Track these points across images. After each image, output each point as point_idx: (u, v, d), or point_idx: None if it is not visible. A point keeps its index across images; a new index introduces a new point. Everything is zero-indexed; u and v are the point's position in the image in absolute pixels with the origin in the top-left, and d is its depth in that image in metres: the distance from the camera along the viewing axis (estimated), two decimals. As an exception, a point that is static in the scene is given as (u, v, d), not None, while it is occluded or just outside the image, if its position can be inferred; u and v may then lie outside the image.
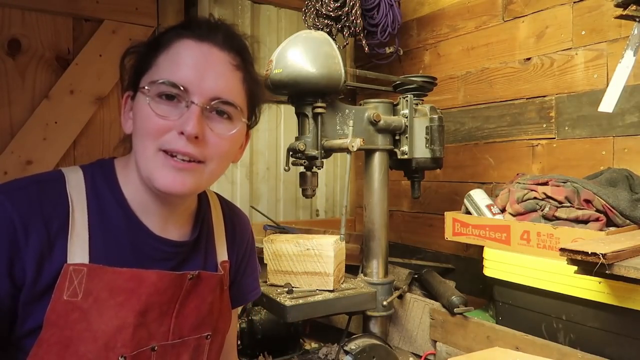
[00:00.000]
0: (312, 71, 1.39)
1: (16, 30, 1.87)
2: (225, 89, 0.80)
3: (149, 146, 0.77)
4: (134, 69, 0.83)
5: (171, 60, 0.77)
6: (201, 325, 0.88)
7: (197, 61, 0.78)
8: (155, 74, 0.77)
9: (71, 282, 0.73)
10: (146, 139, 0.77)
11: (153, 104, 0.76)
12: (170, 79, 0.76)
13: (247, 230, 1.07)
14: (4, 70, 1.86)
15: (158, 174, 0.77)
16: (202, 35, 0.79)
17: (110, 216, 0.80)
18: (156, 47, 0.80)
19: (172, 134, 0.76)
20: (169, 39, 0.79)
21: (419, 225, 2.42)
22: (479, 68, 2.10)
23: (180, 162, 0.77)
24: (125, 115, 0.84)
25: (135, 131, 0.80)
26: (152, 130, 0.76)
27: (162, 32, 0.82)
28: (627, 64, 1.22)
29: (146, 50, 0.82)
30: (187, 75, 0.76)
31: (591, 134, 1.69)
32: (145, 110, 0.76)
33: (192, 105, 0.76)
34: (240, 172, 2.48)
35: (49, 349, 0.72)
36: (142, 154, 0.77)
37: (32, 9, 1.89)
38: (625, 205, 1.36)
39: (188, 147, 0.76)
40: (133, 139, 0.81)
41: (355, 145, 1.41)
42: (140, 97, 0.78)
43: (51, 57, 1.94)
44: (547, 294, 1.37)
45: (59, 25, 1.96)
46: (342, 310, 1.44)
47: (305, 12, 2.16)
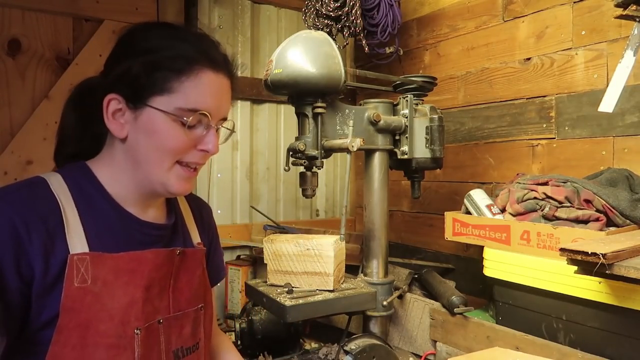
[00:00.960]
0: (312, 71, 1.39)
1: (16, 30, 1.87)
2: (228, 110, 0.96)
3: (167, 160, 0.88)
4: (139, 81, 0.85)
5: (199, 90, 0.87)
6: (195, 298, 0.99)
7: (217, 92, 0.90)
8: (183, 101, 0.85)
9: (78, 270, 0.80)
10: (167, 156, 0.87)
11: (183, 129, 0.86)
12: (202, 109, 0.87)
13: (212, 215, 1.19)
14: (4, 70, 1.86)
15: (175, 182, 0.89)
16: (218, 65, 0.90)
17: (99, 209, 0.88)
18: (175, 71, 0.85)
19: (192, 151, 0.89)
20: (191, 66, 0.86)
21: (419, 225, 2.42)
22: (479, 68, 2.10)
23: (193, 172, 0.91)
24: (112, 118, 0.88)
25: (147, 143, 0.87)
26: (178, 150, 0.88)
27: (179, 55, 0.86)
28: (627, 64, 1.22)
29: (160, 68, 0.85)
30: (211, 105, 0.88)
31: (591, 134, 1.69)
32: (172, 132, 0.86)
33: (212, 128, 0.90)
34: (240, 172, 2.48)
35: (70, 333, 0.79)
36: (157, 166, 0.87)
37: (32, 9, 1.89)
38: (626, 205, 1.36)
39: (204, 159, 0.92)
40: (136, 147, 0.88)
41: (355, 145, 1.41)
42: (160, 116, 0.85)
43: (51, 57, 1.94)
44: (547, 294, 1.37)
45: (59, 25, 1.96)
46: (342, 310, 1.44)
47: (305, 12, 2.16)
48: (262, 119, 2.56)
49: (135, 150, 0.88)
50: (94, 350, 0.80)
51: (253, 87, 2.45)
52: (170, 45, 0.87)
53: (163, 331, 0.90)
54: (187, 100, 0.85)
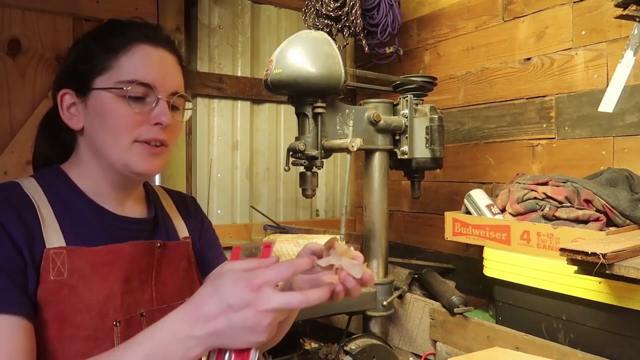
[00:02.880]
0: (312, 71, 1.39)
1: (16, 30, 1.87)
2: (179, 85, 0.95)
3: (123, 140, 0.87)
4: (80, 69, 0.89)
5: (136, 63, 0.88)
6: (181, 292, 0.98)
7: (158, 64, 0.91)
8: (120, 75, 0.87)
9: (54, 264, 0.81)
10: (121, 134, 0.87)
11: (127, 102, 0.86)
12: (141, 79, 0.87)
13: (198, 206, 1.18)
14: (4, 70, 1.86)
15: (136, 161, 0.88)
16: (155, 40, 0.92)
17: (74, 207, 0.89)
18: (111, 50, 0.88)
19: (146, 126, 0.89)
20: (124, 43, 0.89)
21: (419, 225, 2.42)
22: (479, 68, 2.10)
23: (155, 148, 0.90)
24: (67, 113, 0.90)
25: (101, 127, 0.88)
26: (129, 126, 0.87)
27: (109, 36, 0.90)
28: (627, 64, 1.22)
29: (97, 51, 0.89)
30: (154, 75, 0.89)
31: (591, 134, 1.69)
32: (118, 108, 0.86)
33: (161, 100, 0.89)
34: (240, 172, 2.48)
35: (47, 326, 0.79)
36: (115, 147, 0.88)
37: (32, 9, 1.89)
38: (626, 205, 1.36)
39: (161, 135, 0.90)
40: (93, 135, 0.89)
41: (355, 145, 1.41)
42: (104, 95, 0.87)
43: (51, 57, 1.94)
44: (547, 294, 1.37)
45: (59, 25, 1.96)
46: (342, 310, 1.44)
47: (305, 12, 2.16)
48: (262, 119, 2.56)
49: (93, 138, 0.89)
50: (71, 342, 0.81)
51: (253, 87, 2.45)
52: (106, 30, 0.92)
53: (146, 324, 0.90)
54: (125, 73, 0.87)
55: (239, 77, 2.44)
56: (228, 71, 2.43)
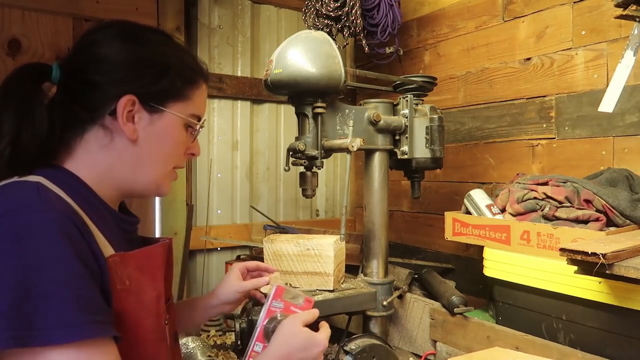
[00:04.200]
0: (312, 71, 1.39)
1: (16, 30, 1.87)
2: None
3: (170, 164, 0.93)
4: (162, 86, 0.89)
5: (201, 100, 0.96)
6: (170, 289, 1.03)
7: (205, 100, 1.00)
8: (194, 108, 0.94)
9: (116, 272, 0.80)
10: (171, 159, 0.93)
11: (188, 134, 0.94)
12: (202, 117, 0.96)
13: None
14: (4, 70, 1.85)
15: (166, 185, 0.94)
16: (206, 78, 0.98)
17: (99, 212, 0.85)
18: (191, 82, 0.93)
19: (182, 155, 0.96)
20: (199, 77, 0.95)
21: (419, 225, 2.42)
22: (479, 68, 2.10)
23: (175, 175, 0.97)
24: (125, 119, 0.84)
25: (157, 147, 0.90)
26: (180, 154, 0.95)
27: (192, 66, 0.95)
28: (627, 64, 1.22)
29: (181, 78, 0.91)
30: (204, 112, 0.98)
31: (591, 134, 1.69)
32: (182, 137, 0.93)
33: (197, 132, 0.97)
34: (240, 172, 2.48)
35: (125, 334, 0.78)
36: (160, 169, 0.92)
37: (32, 9, 1.89)
38: (626, 205, 1.36)
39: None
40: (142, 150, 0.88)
41: (355, 145, 1.41)
42: (176, 121, 0.90)
43: (51, 57, 1.94)
44: (547, 294, 1.37)
45: (59, 25, 1.96)
46: (342, 310, 1.44)
47: (305, 12, 2.16)
48: (262, 119, 2.56)
49: (142, 152, 0.88)
50: (144, 348, 0.84)
51: (253, 87, 2.45)
52: (181, 54, 0.94)
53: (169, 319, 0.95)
54: (197, 108, 0.94)
55: (239, 77, 2.44)
56: (228, 71, 2.43)
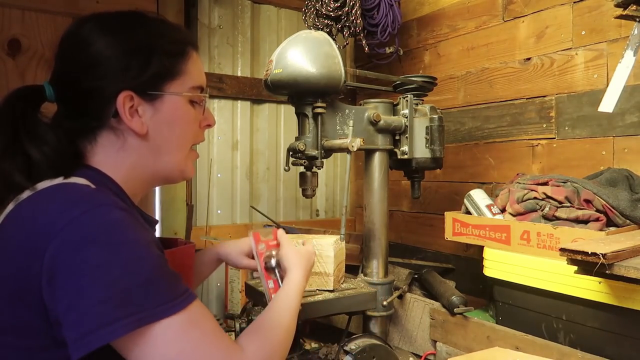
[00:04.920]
0: (312, 71, 1.39)
1: (16, 30, 1.87)
2: None
3: (187, 145, 0.91)
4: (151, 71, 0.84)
5: (197, 67, 0.91)
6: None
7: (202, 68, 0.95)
8: (191, 80, 0.89)
9: None
10: (187, 140, 0.90)
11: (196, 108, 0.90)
12: (204, 86, 0.92)
13: None
14: (4, 70, 1.86)
15: (190, 167, 0.92)
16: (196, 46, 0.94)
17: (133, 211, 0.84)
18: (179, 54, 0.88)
19: (198, 130, 0.93)
20: (186, 48, 0.90)
21: (419, 225, 2.42)
22: (479, 68, 2.10)
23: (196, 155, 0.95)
24: (129, 115, 0.83)
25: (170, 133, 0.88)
26: (194, 131, 0.91)
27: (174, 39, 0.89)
28: (627, 64, 1.22)
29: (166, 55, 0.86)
30: (204, 80, 0.93)
31: (591, 134, 1.69)
32: (191, 114, 0.89)
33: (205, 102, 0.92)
34: (240, 172, 2.48)
35: None
36: (179, 153, 0.89)
37: (32, 9, 1.89)
38: (626, 205, 1.36)
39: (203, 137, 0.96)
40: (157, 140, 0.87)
41: (355, 145, 1.41)
42: (178, 101, 0.87)
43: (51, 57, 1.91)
44: (547, 294, 1.37)
45: (59, 25, 1.96)
46: (342, 310, 1.44)
47: (305, 12, 2.16)
48: (262, 119, 2.56)
49: (157, 143, 0.87)
50: None
51: (253, 87, 2.45)
52: (162, 30, 0.89)
53: None
54: (194, 79, 0.89)
55: (239, 77, 2.44)
56: (228, 71, 2.43)
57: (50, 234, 0.68)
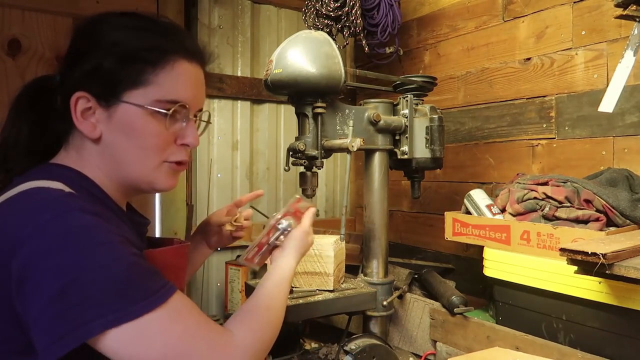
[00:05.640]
0: (312, 71, 1.39)
1: (16, 30, 1.87)
2: (204, 101, 0.93)
3: (153, 159, 0.84)
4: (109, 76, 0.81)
5: (176, 80, 0.84)
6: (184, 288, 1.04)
7: (193, 82, 0.87)
8: (160, 93, 0.82)
9: None
10: (151, 154, 0.84)
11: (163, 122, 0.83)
12: (181, 101, 0.84)
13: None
14: (4, 70, 1.86)
15: (162, 180, 0.87)
16: (193, 56, 0.88)
17: (113, 212, 0.85)
18: (148, 62, 0.82)
19: (174, 147, 0.86)
20: (163, 57, 0.83)
21: (419, 225, 2.42)
22: (479, 68, 2.10)
23: (181, 166, 0.89)
24: (80, 117, 0.82)
25: (127, 142, 0.83)
26: (160, 146, 0.84)
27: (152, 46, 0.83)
28: (627, 64, 1.22)
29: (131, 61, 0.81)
30: (189, 95, 0.86)
31: (591, 134, 1.69)
32: (152, 127, 0.82)
33: (191, 120, 0.87)
34: (240, 172, 2.48)
35: None
36: (142, 165, 0.84)
37: (32, 9, 1.89)
38: (626, 205, 1.36)
39: (186, 155, 0.89)
40: (113, 147, 0.83)
41: (355, 145, 1.41)
42: (136, 111, 0.81)
43: (51, 57, 1.94)
44: (547, 294, 1.37)
45: (59, 25, 1.96)
46: (342, 310, 1.44)
47: (305, 12, 2.16)
48: (262, 119, 2.56)
49: (114, 151, 0.83)
50: None
51: (253, 87, 2.45)
52: (141, 35, 0.84)
53: None
54: (165, 92, 0.82)
55: (239, 77, 2.44)
56: (228, 71, 2.43)
57: (18, 242, 0.68)
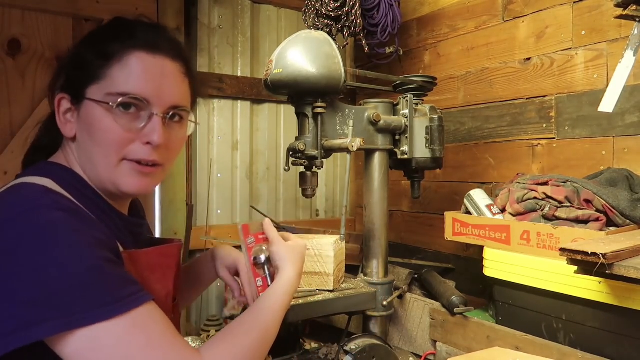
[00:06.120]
0: (312, 71, 1.39)
1: (16, 30, 1.87)
2: (179, 98, 0.87)
3: (112, 157, 0.82)
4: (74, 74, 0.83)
5: (128, 73, 0.81)
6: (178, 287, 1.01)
7: (154, 74, 0.83)
8: (111, 86, 0.80)
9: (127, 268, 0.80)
10: (109, 151, 0.81)
11: (116, 117, 0.80)
12: (132, 93, 0.80)
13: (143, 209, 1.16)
14: (4, 70, 1.86)
15: (124, 180, 0.83)
16: (154, 48, 0.84)
17: (103, 211, 0.85)
18: (104, 57, 0.81)
19: (137, 145, 0.82)
20: (119, 51, 0.82)
21: (419, 225, 2.42)
22: (479, 68, 2.10)
23: (146, 167, 0.84)
24: (63, 118, 0.85)
25: (90, 140, 0.82)
26: (117, 143, 0.81)
27: (105, 41, 0.83)
28: (627, 64, 1.22)
29: (92, 57, 0.82)
30: (147, 87, 0.81)
31: (591, 134, 1.69)
32: (106, 122, 0.80)
33: (155, 116, 0.82)
34: (240, 172, 2.48)
35: None
36: (103, 163, 0.82)
37: (32, 9, 1.89)
38: (625, 205, 1.36)
39: (153, 155, 0.83)
40: (84, 146, 0.84)
41: (355, 145, 1.41)
42: (94, 107, 0.81)
43: (51, 57, 1.94)
44: (547, 294, 1.37)
45: (59, 25, 1.96)
46: (342, 310, 1.44)
47: (305, 12, 2.16)
48: (262, 119, 2.56)
49: (83, 149, 0.84)
50: None
51: (253, 87, 2.45)
52: (103, 33, 0.85)
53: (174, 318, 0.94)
54: (116, 84, 0.80)
55: (239, 77, 2.44)
56: (228, 71, 2.43)
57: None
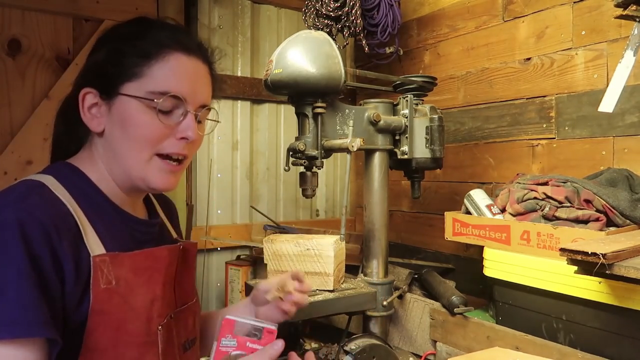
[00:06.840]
0: (312, 71, 1.39)
1: (16, 30, 1.87)
2: (207, 97, 0.93)
3: (145, 151, 0.85)
4: (108, 70, 0.86)
5: (169, 72, 0.85)
6: (193, 292, 1.02)
7: (191, 74, 0.88)
8: (152, 84, 0.84)
9: (102, 272, 0.79)
10: (143, 146, 0.85)
11: (157, 113, 0.84)
12: (173, 91, 0.85)
13: (177, 212, 1.17)
14: (4, 70, 1.86)
15: (155, 176, 0.87)
16: (190, 49, 0.89)
17: (101, 210, 0.86)
18: (145, 56, 0.85)
19: (171, 140, 0.86)
20: (160, 50, 0.86)
21: (419, 225, 2.42)
22: (479, 68, 2.10)
23: (175, 165, 0.88)
24: (88, 113, 0.87)
25: (123, 135, 0.85)
26: (153, 138, 0.85)
27: (144, 41, 0.87)
28: (627, 64, 1.22)
29: (130, 55, 0.85)
30: (184, 87, 0.86)
31: (591, 134, 1.69)
32: (144, 118, 0.84)
33: (189, 114, 0.87)
34: (240, 172, 2.48)
35: (101, 336, 0.79)
36: (135, 158, 0.86)
37: (32, 9, 1.89)
38: (626, 205, 1.36)
39: (184, 149, 0.88)
40: (113, 141, 0.87)
41: (355, 145, 1.41)
42: (130, 102, 0.84)
43: (51, 57, 1.94)
44: (547, 294, 1.37)
45: (59, 25, 1.96)
46: (342, 310, 1.44)
47: (305, 12, 2.16)
48: (262, 119, 2.56)
49: (112, 144, 0.86)
50: (125, 349, 0.81)
51: (253, 87, 2.45)
52: (138, 31, 0.88)
53: (174, 325, 0.92)
54: (158, 83, 0.84)
55: (239, 77, 2.44)
56: (228, 71, 2.43)
57: None
